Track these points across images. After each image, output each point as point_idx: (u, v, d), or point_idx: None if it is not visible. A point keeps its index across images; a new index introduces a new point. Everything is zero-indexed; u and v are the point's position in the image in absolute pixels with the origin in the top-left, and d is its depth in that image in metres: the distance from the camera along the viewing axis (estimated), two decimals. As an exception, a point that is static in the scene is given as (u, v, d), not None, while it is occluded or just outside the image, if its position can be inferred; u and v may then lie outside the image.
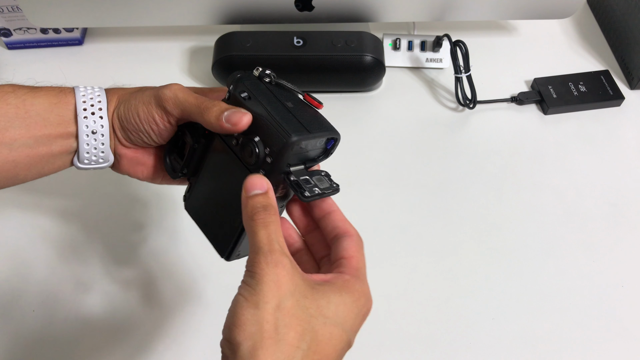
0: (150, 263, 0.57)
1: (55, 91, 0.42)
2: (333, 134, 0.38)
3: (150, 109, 0.41)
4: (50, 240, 0.58)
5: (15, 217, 0.60)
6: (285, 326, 0.31)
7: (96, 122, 0.41)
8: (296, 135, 0.36)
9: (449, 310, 0.55)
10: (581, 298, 0.56)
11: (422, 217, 0.61)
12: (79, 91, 0.42)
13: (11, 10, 0.69)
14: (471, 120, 0.68)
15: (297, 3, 0.66)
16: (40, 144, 0.40)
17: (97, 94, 0.42)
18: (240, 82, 0.39)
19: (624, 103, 0.70)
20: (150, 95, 0.41)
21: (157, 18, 0.67)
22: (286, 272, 0.32)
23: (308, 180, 0.38)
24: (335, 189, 0.39)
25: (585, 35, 0.77)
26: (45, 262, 0.57)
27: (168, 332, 0.53)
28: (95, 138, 0.41)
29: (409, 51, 0.73)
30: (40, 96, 0.41)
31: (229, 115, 0.37)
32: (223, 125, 0.37)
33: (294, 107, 0.38)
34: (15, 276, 0.56)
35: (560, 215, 0.61)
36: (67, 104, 0.41)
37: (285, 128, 0.36)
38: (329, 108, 0.68)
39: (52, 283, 0.55)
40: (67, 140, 0.41)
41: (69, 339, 0.53)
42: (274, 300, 0.31)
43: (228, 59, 0.65)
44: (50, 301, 0.54)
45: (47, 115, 0.40)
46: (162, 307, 0.55)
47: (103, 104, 0.42)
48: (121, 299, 0.55)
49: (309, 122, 0.37)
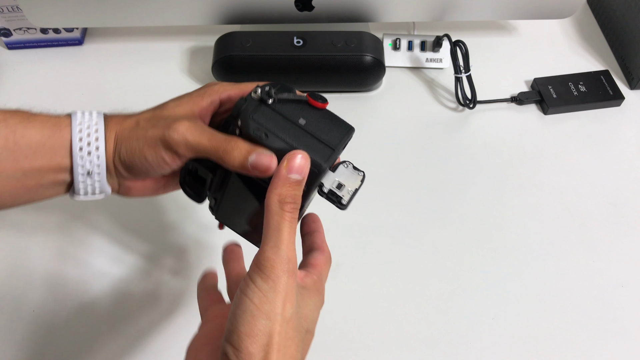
0: (152, 262, 0.57)
1: (50, 122, 0.38)
2: (349, 132, 0.38)
3: (159, 152, 0.38)
4: (50, 240, 0.58)
5: (16, 217, 0.60)
6: (289, 339, 0.32)
7: (92, 163, 0.38)
8: (325, 162, 0.36)
9: (449, 310, 0.55)
10: (581, 298, 0.56)
11: (422, 217, 0.61)
12: (75, 124, 0.38)
13: (11, 10, 0.69)
14: (471, 120, 0.68)
15: (297, 3, 0.66)
16: (29, 177, 0.38)
17: (94, 128, 0.38)
18: (249, 119, 0.36)
19: (624, 103, 0.70)
20: (156, 138, 0.38)
21: (157, 18, 0.67)
22: (295, 284, 0.33)
23: (339, 184, 0.38)
24: (363, 179, 0.39)
25: (585, 35, 0.77)
26: (46, 262, 0.57)
27: (169, 333, 0.53)
28: (90, 177, 0.39)
29: (409, 51, 0.73)
30: (32, 127, 0.38)
31: (255, 162, 0.35)
32: (250, 172, 0.35)
33: (307, 123, 0.37)
34: (15, 276, 0.56)
35: (560, 215, 0.61)
36: (62, 138, 0.38)
37: (312, 158, 0.36)
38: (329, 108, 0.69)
39: (53, 283, 0.55)
40: (59, 174, 0.39)
41: (69, 339, 0.53)
42: (283, 312, 0.31)
43: (228, 59, 0.65)
44: (50, 301, 0.54)
45: (38, 149, 0.37)
46: (162, 308, 0.55)
47: (101, 141, 0.38)
48: (122, 298, 0.55)
49: (327, 132, 0.37)
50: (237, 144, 0.36)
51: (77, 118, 0.39)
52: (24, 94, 0.69)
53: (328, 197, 0.38)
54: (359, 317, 0.54)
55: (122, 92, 0.70)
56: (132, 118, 0.40)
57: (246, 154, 0.35)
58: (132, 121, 0.40)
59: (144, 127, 0.39)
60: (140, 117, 0.40)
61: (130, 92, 0.70)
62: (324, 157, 0.36)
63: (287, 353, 0.32)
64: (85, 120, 0.39)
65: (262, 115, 0.37)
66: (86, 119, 0.39)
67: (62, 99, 0.69)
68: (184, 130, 0.37)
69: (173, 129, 0.37)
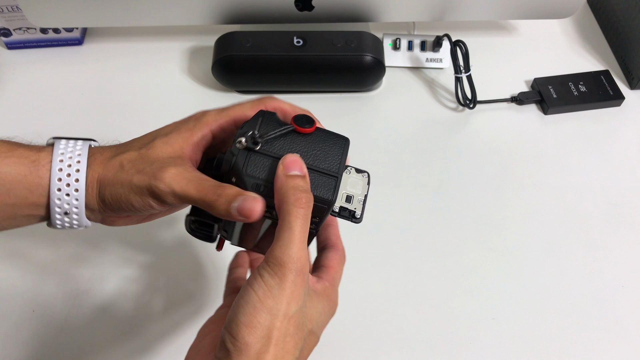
0: (153, 261, 0.57)
1: (29, 159, 0.37)
2: (345, 146, 0.37)
3: (146, 200, 0.36)
4: (50, 240, 0.58)
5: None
6: (289, 335, 0.32)
7: (70, 204, 0.37)
8: (332, 195, 0.35)
9: (449, 310, 0.55)
10: (581, 298, 0.56)
11: (421, 217, 0.61)
12: (55, 161, 0.37)
13: (11, 10, 0.69)
14: (471, 120, 0.68)
15: (297, 3, 0.66)
16: (2, 211, 0.37)
17: (75, 168, 0.37)
18: (244, 176, 0.35)
19: (624, 103, 0.70)
20: (142, 187, 0.36)
21: (157, 18, 0.67)
22: (304, 283, 0.33)
23: (348, 197, 0.38)
24: (369, 181, 0.39)
25: (585, 35, 0.77)
26: (46, 262, 0.57)
27: (169, 333, 0.53)
28: (68, 217, 0.38)
29: (409, 51, 0.73)
30: (9, 164, 0.36)
31: (239, 207, 0.33)
32: (236, 218, 0.34)
33: (301, 157, 0.36)
34: (15, 276, 0.56)
35: (560, 215, 0.61)
36: (40, 177, 0.36)
37: (318, 196, 0.35)
38: (329, 108, 0.69)
39: (53, 283, 0.55)
40: (35, 210, 0.37)
41: (69, 339, 0.53)
42: (286, 310, 0.32)
43: (228, 59, 0.65)
44: (50, 301, 0.54)
45: (12, 187, 0.36)
46: (163, 306, 0.55)
47: (81, 183, 0.37)
48: (122, 298, 0.55)
49: (324, 158, 0.36)
50: (224, 192, 0.34)
51: (58, 153, 0.37)
52: (24, 94, 0.69)
53: (340, 215, 0.37)
54: (359, 317, 0.54)
55: (122, 92, 0.70)
56: (116, 159, 0.38)
57: (231, 201, 0.34)
58: (116, 163, 0.37)
59: (129, 172, 0.37)
60: (124, 157, 0.38)
61: (130, 92, 0.70)
62: (330, 190, 0.35)
63: (285, 348, 0.32)
64: (68, 152, 0.37)
65: (255, 166, 0.35)
66: (69, 150, 0.37)
67: (62, 99, 0.69)
68: (170, 181, 0.35)
69: (159, 178, 0.35)
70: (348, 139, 0.38)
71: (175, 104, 0.69)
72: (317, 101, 0.70)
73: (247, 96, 0.70)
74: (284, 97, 0.69)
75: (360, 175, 0.39)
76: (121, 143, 0.40)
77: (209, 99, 0.70)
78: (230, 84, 0.69)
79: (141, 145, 0.38)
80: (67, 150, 0.37)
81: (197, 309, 0.55)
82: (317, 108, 0.69)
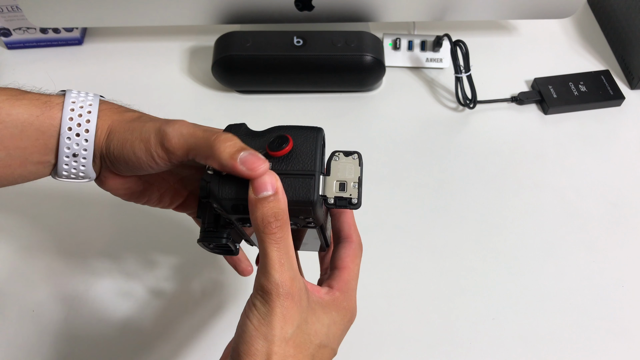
0: (153, 260, 0.57)
1: (40, 101, 0.37)
2: (317, 137, 0.36)
3: (149, 147, 0.36)
4: (50, 239, 0.58)
5: (16, 216, 0.59)
6: (290, 356, 0.32)
7: (79, 145, 0.37)
8: (313, 194, 0.34)
9: (449, 310, 0.55)
10: (581, 298, 0.56)
11: (422, 217, 0.61)
12: (68, 102, 0.37)
13: (11, 10, 0.69)
14: (471, 120, 0.68)
15: (297, 3, 0.66)
16: (14, 157, 0.36)
17: (87, 110, 0.37)
18: (219, 199, 0.35)
19: (624, 103, 0.70)
20: (149, 130, 0.36)
21: (157, 18, 0.67)
22: (294, 305, 0.33)
23: (341, 184, 0.37)
24: (361, 162, 0.37)
25: (585, 35, 0.77)
26: (46, 262, 0.57)
27: (169, 334, 0.53)
28: (75, 160, 0.38)
29: (409, 51, 0.73)
30: (20, 105, 0.36)
31: (245, 157, 0.33)
32: (236, 167, 0.33)
33: (274, 164, 0.35)
34: (15, 276, 0.56)
35: (560, 215, 0.61)
36: (51, 118, 0.37)
37: (299, 200, 0.34)
38: (329, 108, 0.69)
39: (52, 283, 0.55)
40: (45, 155, 0.37)
41: (68, 339, 0.53)
42: (281, 334, 0.32)
43: (228, 59, 0.65)
44: (50, 301, 0.54)
45: (24, 128, 0.36)
46: (163, 306, 0.55)
47: (92, 124, 0.37)
48: (122, 298, 0.55)
49: (298, 158, 0.35)
50: (233, 138, 0.34)
51: (72, 96, 0.37)
52: (24, 93, 0.69)
53: (337, 205, 0.36)
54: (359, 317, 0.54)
55: (122, 92, 0.70)
56: (136, 112, 0.39)
57: (240, 149, 0.33)
58: (135, 114, 0.39)
59: (145, 120, 0.38)
60: (145, 114, 0.39)
61: (130, 92, 0.69)
62: (308, 190, 0.34)
63: None
64: (80, 100, 0.37)
65: (229, 188, 0.35)
66: (81, 98, 0.37)
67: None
68: (180, 124, 0.36)
69: (170, 123, 0.36)
70: (320, 128, 0.37)
71: (175, 104, 0.69)
72: (317, 101, 0.70)
73: (247, 96, 0.70)
74: (284, 97, 0.70)
75: (349, 158, 0.37)
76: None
77: (209, 99, 0.70)
78: (230, 84, 0.69)
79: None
80: (79, 96, 0.38)
81: (198, 308, 0.55)
82: (317, 108, 0.69)
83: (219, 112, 0.68)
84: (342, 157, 0.37)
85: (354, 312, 0.38)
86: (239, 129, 0.37)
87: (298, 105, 0.69)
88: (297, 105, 0.69)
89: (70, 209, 0.60)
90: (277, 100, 0.70)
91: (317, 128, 0.37)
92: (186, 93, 0.70)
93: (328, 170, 0.37)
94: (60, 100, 0.37)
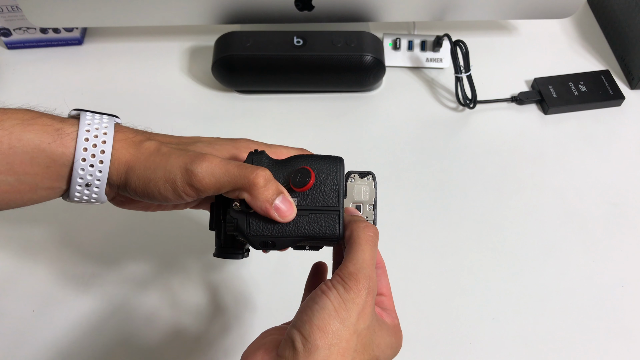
0: (151, 260, 0.57)
1: (53, 127, 0.36)
2: (339, 168, 0.37)
3: (176, 188, 0.35)
4: (50, 240, 0.58)
5: (16, 216, 0.59)
6: (356, 351, 0.32)
7: (93, 176, 0.36)
8: (339, 229, 0.36)
9: (449, 310, 0.55)
10: (581, 298, 0.56)
11: (422, 217, 0.61)
12: (82, 133, 0.36)
13: (11, 10, 0.69)
14: (471, 120, 0.68)
15: (297, 3, 0.66)
16: (24, 183, 0.36)
17: (102, 140, 0.36)
18: (247, 237, 0.36)
19: (624, 103, 0.70)
20: (175, 170, 0.35)
21: (157, 18, 0.67)
22: (372, 305, 0.34)
23: (358, 207, 0.39)
24: (375, 183, 0.39)
25: (585, 35, 0.77)
26: (46, 262, 0.57)
27: (170, 334, 0.53)
28: (88, 189, 0.37)
29: (409, 51, 0.73)
30: (32, 130, 0.35)
31: (279, 205, 0.35)
32: (270, 212, 0.35)
33: (300, 200, 0.36)
34: (15, 276, 0.56)
35: (560, 215, 0.61)
36: (64, 147, 0.35)
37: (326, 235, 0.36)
38: (329, 108, 0.69)
39: (52, 283, 0.55)
40: (56, 182, 0.36)
41: (68, 338, 0.53)
42: (356, 325, 0.32)
43: (228, 59, 0.65)
44: (50, 301, 0.54)
45: (35, 155, 0.35)
46: (164, 307, 0.55)
47: (107, 155, 0.36)
48: (121, 299, 0.55)
49: (322, 194, 0.36)
50: (271, 182, 0.35)
51: (86, 123, 0.36)
52: (24, 94, 0.69)
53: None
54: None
55: (122, 92, 0.70)
56: (151, 143, 0.37)
57: (276, 194, 0.35)
58: (153, 145, 0.37)
59: (167, 154, 0.36)
60: (164, 140, 0.38)
61: (130, 92, 0.70)
62: (334, 226, 0.36)
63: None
64: (94, 128, 0.36)
65: (257, 225, 0.36)
66: (95, 125, 0.36)
67: (62, 99, 0.69)
68: (212, 163, 0.35)
69: (200, 160, 0.35)
70: (341, 159, 0.37)
71: (175, 104, 0.69)
72: (317, 101, 0.70)
73: (247, 96, 0.70)
74: (284, 97, 0.70)
75: (365, 180, 0.38)
76: (151, 132, 0.40)
77: (209, 99, 0.70)
78: (230, 83, 0.69)
79: (180, 137, 0.39)
80: (93, 121, 0.37)
81: (200, 309, 0.55)
82: (317, 108, 0.69)
83: (219, 112, 0.68)
84: (357, 178, 0.39)
85: (400, 347, 0.38)
86: (261, 159, 0.38)
87: (298, 105, 0.69)
88: (297, 105, 0.69)
89: (70, 209, 0.60)
90: (277, 100, 0.70)
91: (338, 158, 0.37)
92: (186, 93, 0.70)
93: (345, 191, 0.38)
94: (74, 128, 0.36)
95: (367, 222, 0.37)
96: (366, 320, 0.33)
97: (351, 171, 0.39)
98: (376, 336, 0.34)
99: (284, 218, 0.35)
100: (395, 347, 0.37)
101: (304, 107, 0.69)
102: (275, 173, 0.37)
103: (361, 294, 0.33)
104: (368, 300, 0.33)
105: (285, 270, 0.56)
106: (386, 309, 0.38)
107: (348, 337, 0.32)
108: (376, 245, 0.36)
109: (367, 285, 0.33)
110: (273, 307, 0.54)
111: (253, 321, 0.54)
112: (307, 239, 0.36)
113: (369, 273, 0.34)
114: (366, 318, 0.33)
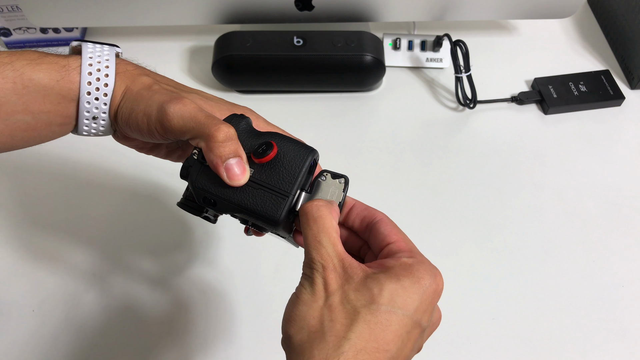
0: (151, 260, 0.57)
1: (59, 65, 0.38)
2: (306, 159, 0.36)
3: (150, 122, 0.37)
4: (50, 239, 0.58)
5: (16, 216, 0.60)
6: (330, 320, 0.32)
7: (98, 109, 0.38)
8: (278, 214, 0.34)
9: (449, 310, 0.55)
10: (581, 298, 0.56)
11: (422, 217, 0.61)
12: (85, 67, 0.38)
13: (11, 10, 0.69)
14: (471, 120, 0.68)
15: (297, 3, 0.66)
16: (39, 120, 0.38)
17: (104, 73, 0.38)
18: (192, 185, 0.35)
19: (624, 103, 0.70)
20: (153, 105, 0.37)
21: (157, 18, 0.67)
22: (335, 274, 0.33)
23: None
24: (346, 187, 0.37)
25: (585, 35, 0.77)
26: (46, 261, 0.57)
27: (170, 335, 0.53)
28: (95, 122, 0.39)
29: (409, 51, 0.73)
30: (41, 70, 0.37)
31: (230, 165, 0.35)
32: (219, 169, 0.35)
33: (255, 172, 0.35)
34: (15, 276, 0.56)
35: (560, 215, 0.61)
36: (70, 82, 0.38)
37: (262, 214, 0.34)
38: (329, 108, 0.69)
39: (52, 283, 0.55)
40: (66, 118, 0.39)
41: (68, 339, 0.53)
42: (321, 300, 0.33)
43: (228, 59, 0.65)
44: (50, 301, 0.54)
45: (47, 93, 0.37)
46: (165, 305, 0.55)
47: (109, 88, 0.38)
48: (121, 299, 0.55)
49: (279, 174, 0.35)
50: (231, 139, 0.35)
51: (88, 57, 0.38)
52: (24, 93, 0.69)
53: None
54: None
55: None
56: (148, 77, 0.39)
57: (229, 155, 0.35)
58: (147, 81, 0.39)
59: (155, 91, 0.38)
60: (161, 80, 0.40)
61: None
62: (277, 209, 0.34)
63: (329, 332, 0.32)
64: (96, 61, 0.38)
65: (206, 180, 0.35)
66: (96, 57, 0.38)
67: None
68: (183, 105, 0.36)
69: (175, 101, 0.36)
70: (315, 150, 0.37)
71: (175, 104, 0.69)
72: (317, 101, 0.70)
73: (247, 96, 0.70)
74: (284, 96, 0.70)
75: (336, 181, 0.37)
76: (154, 71, 0.41)
77: (209, 98, 0.70)
78: (230, 83, 0.69)
79: (178, 86, 0.40)
80: (95, 54, 0.38)
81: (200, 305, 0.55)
82: (317, 108, 0.69)
83: (219, 112, 0.68)
84: (329, 178, 0.37)
85: (433, 275, 0.36)
86: (239, 123, 0.37)
87: (298, 105, 0.69)
88: (297, 105, 0.69)
89: (70, 208, 0.60)
90: (277, 100, 0.70)
91: (311, 149, 0.36)
92: (186, 93, 0.70)
93: (312, 187, 0.37)
94: (77, 63, 0.38)
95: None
96: (333, 289, 0.33)
97: (326, 170, 0.37)
98: (360, 293, 0.33)
99: (232, 180, 0.35)
100: (411, 287, 0.34)
101: (304, 107, 0.69)
102: (245, 139, 0.36)
103: (317, 275, 0.33)
104: (327, 274, 0.33)
105: (285, 270, 0.56)
106: (395, 254, 0.37)
107: (314, 313, 0.32)
108: (328, 213, 0.34)
109: (322, 264, 0.33)
110: (273, 307, 0.54)
111: (253, 321, 0.54)
112: (247, 212, 0.35)
113: (319, 255, 0.33)
114: (332, 287, 0.33)
